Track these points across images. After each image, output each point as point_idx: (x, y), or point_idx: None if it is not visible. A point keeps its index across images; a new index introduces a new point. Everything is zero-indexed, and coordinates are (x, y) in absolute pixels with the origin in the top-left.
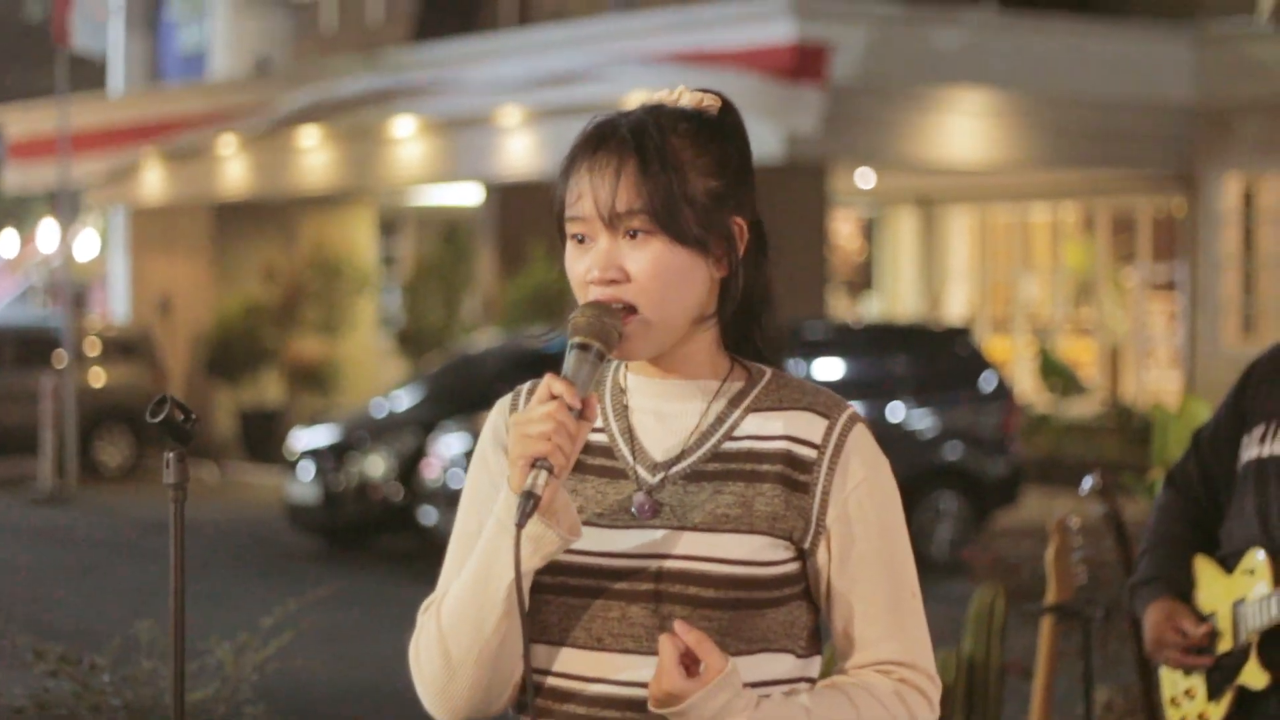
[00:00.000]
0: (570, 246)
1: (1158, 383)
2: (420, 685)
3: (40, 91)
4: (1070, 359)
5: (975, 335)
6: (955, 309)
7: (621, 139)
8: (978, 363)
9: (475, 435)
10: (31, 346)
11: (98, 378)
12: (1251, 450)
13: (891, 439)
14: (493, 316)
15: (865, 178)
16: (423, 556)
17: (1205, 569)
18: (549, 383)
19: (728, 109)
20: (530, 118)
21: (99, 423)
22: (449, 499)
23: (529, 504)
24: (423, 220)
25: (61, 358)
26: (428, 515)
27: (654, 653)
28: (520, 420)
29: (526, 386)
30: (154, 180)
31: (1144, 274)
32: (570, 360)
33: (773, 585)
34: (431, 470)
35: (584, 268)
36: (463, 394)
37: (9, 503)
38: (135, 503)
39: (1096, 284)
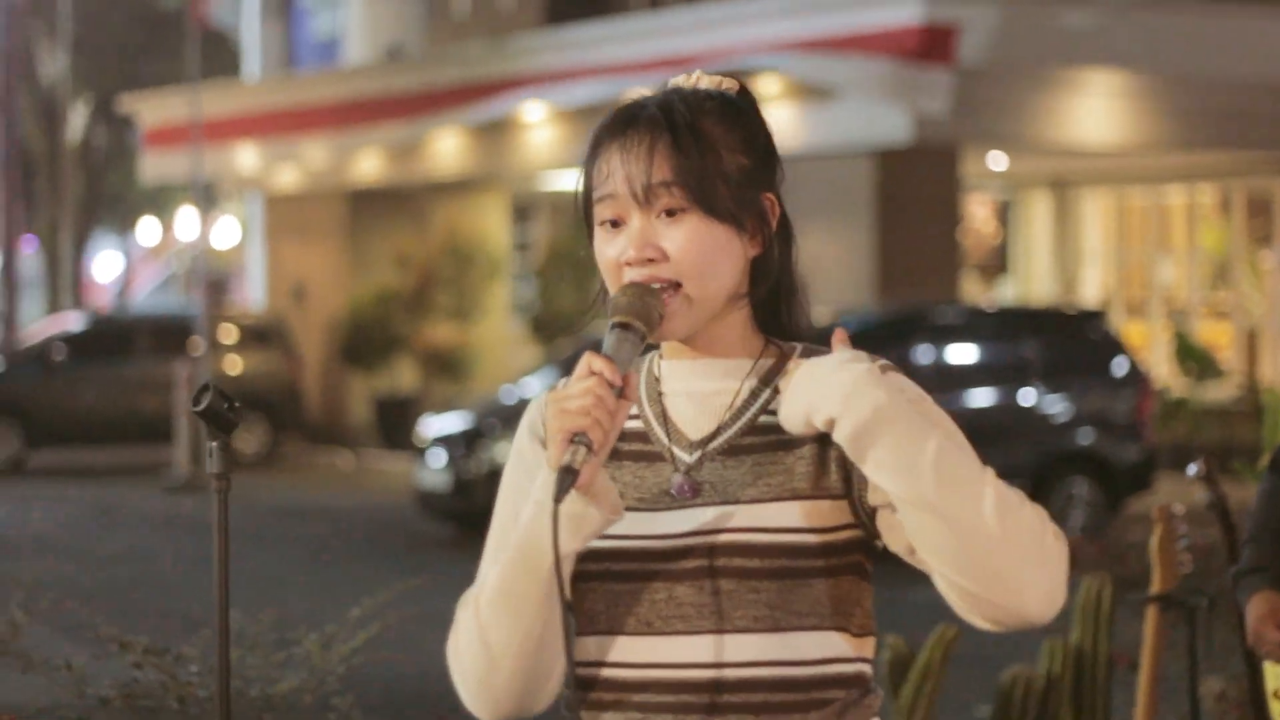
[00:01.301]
0: (600, 232)
1: None
2: (460, 682)
3: (176, 80)
4: (1207, 342)
5: (1109, 319)
6: (1090, 292)
7: (651, 117)
8: (1111, 347)
9: None
10: (168, 335)
11: (234, 365)
12: None
13: (1023, 424)
14: None
15: (997, 160)
16: None
17: None
18: (588, 359)
19: (744, 91)
20: (647, 100)
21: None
22: None
23: (568, 479)
24: (556, 206)
25: (197, 345)
26: None
27: (704, 632)
28: (558, 396)
29: (562, 382)
30: (287, 168)
31: None
32: (611, 339)
33: (820, 553)
34: None
35: (617, 251)
36: None
37: (144, 491)
38: (270, 490)
39: (1233, 266)
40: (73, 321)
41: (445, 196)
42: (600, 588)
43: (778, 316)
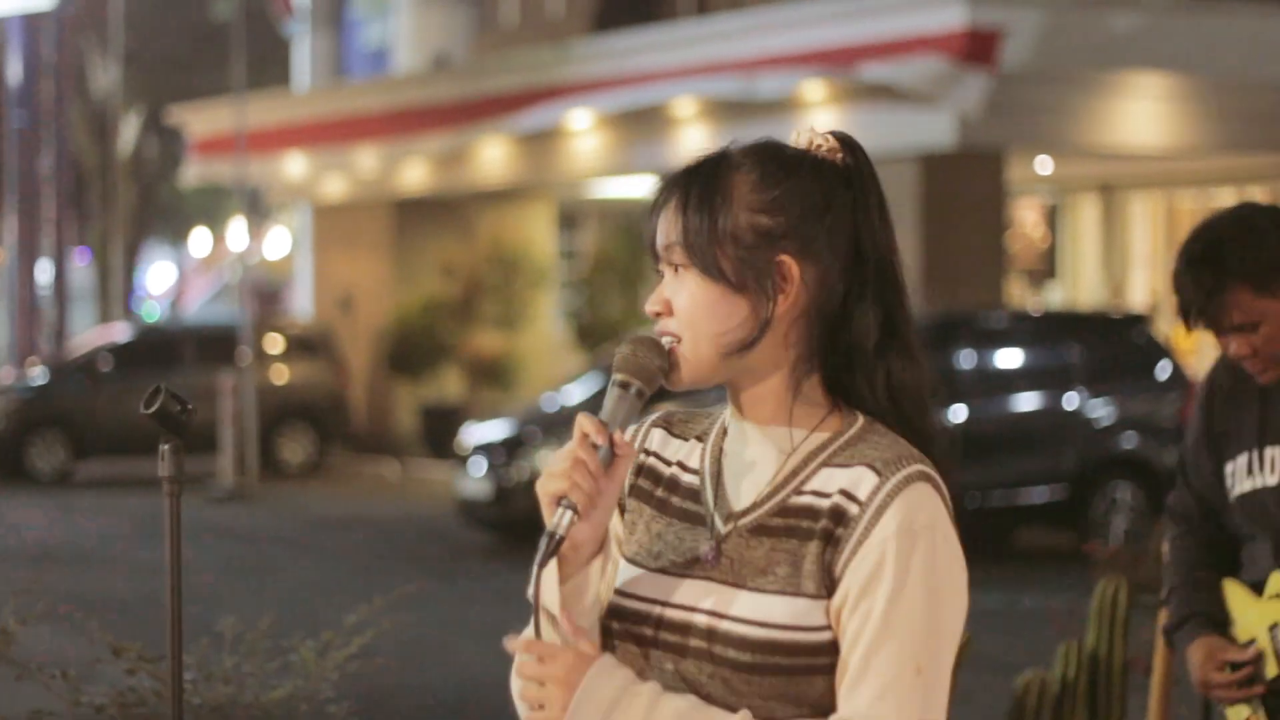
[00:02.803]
0: None
1: None
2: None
3: (228, 91)
4: None
5: (1154, 323)
6: (1138, 297)
7: (681, 174)
8: (1155, 351)
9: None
10: (215, 345)
11: (280, 375)
12: (1244, 483)
13: (1066, 428)
14: None
15: (1044, 165)
16: None
17: (1236, 595)
18: (579, 422)
19: (849, 151)
20: (706, 109)
21: (281, 420)
22: None
23: (550, 545)
24: (604, 213)
25: (243, 356)
26: None
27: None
28: (551, 460)
29: (653, 416)
30: (335, 178)
31: None
32: (608, 398)
33: (817, 652)
34: None
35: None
36: None
37: (189, 501)
38: (315, 500)
39: None
40: (120, 332)
41: (491, 205)
42: (621, 646)
43: (852, 385)
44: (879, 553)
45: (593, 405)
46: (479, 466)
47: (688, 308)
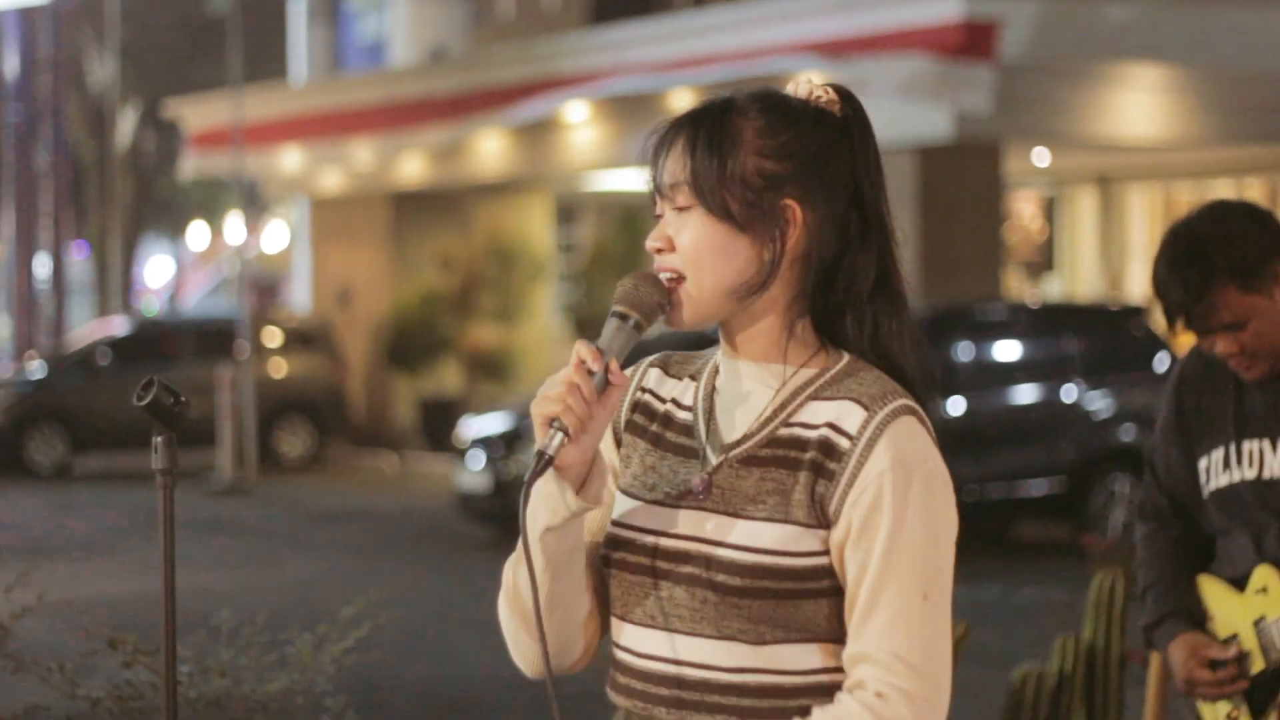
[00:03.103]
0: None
1: None
2: (505, 636)
3: (224, 84)
4: None
5: (1152, 315)
6: (1136, 288)
7: (687, 117)
8: (1153, 343)
9: None
10: (213, 339)
11: (278, 369)
12: (1220, 478)
13: (1064, 420)
14: None
15: (1041, 157)
16: None
17: (1213, 590)
18: (576, 347)
19: (847, 103)
20: (702, 100)
21: (279, 414)
22: None
23: (540, 463)
24: (602, 206)
25: (241, 349)
26: None
27: (700, 634)
28: (546, 382)
29: (652, 357)
30: (332, 171)
31: None
32: (607, 327)
33: (805, 576)
34: None
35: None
36: None
37: (188, 494)
38: (314, 493)
39: None
40: (118, 326)
41: (489, 198)
42: (618, 575)
43: (838, 325)
44: (876, 487)
45: None
46: (477, 460)
47: (692, 245)
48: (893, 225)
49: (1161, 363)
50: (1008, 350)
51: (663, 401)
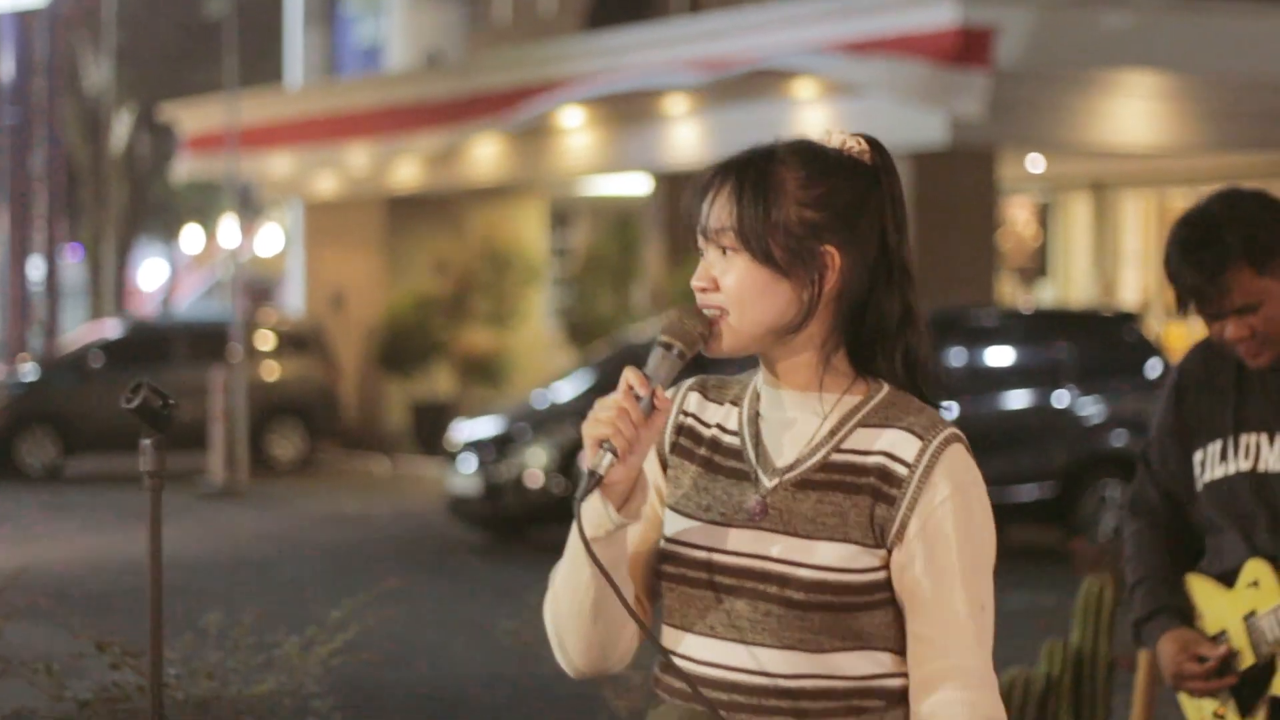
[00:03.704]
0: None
1: None
2: (550, 640)
3: (220, 88)
4: None
5: (1144, 321)
6: (1130, 295)
7: (733, 164)
8: (1144, 349)
9: None
10: (206, 342)
11: (271, 372)
12: (1215, 470)
13: (1056, 426)
14: (660, 306)
15: (1035, 163)
16: None
17: (1202, 588)
18: (625, 374)
19: (877, 152)
20: (697, 106)
21: (272, 417)
22: None
23: (590, 481)
24: (596, 211)
25: (234, 352)
26: None
27: (761, 644)
28: (597, 405)
29: (689, 382)
30: (326, 175)
31: None
32: (652, 356)
33: (863, 590)
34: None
35: (694, 275)
36: None
37: (179, 497)
38: (305, 496)
39: None
40: (111, 329)
41: (483, 202)
42: (677, 589)
43: (872, 358)
44: (940, 514)
45: (584, 402)
46: (469, 463)
47: (736, 287)
48: (913, 267)
49: (1154, 369)
50: (1000, 356)
51: (708, 426)
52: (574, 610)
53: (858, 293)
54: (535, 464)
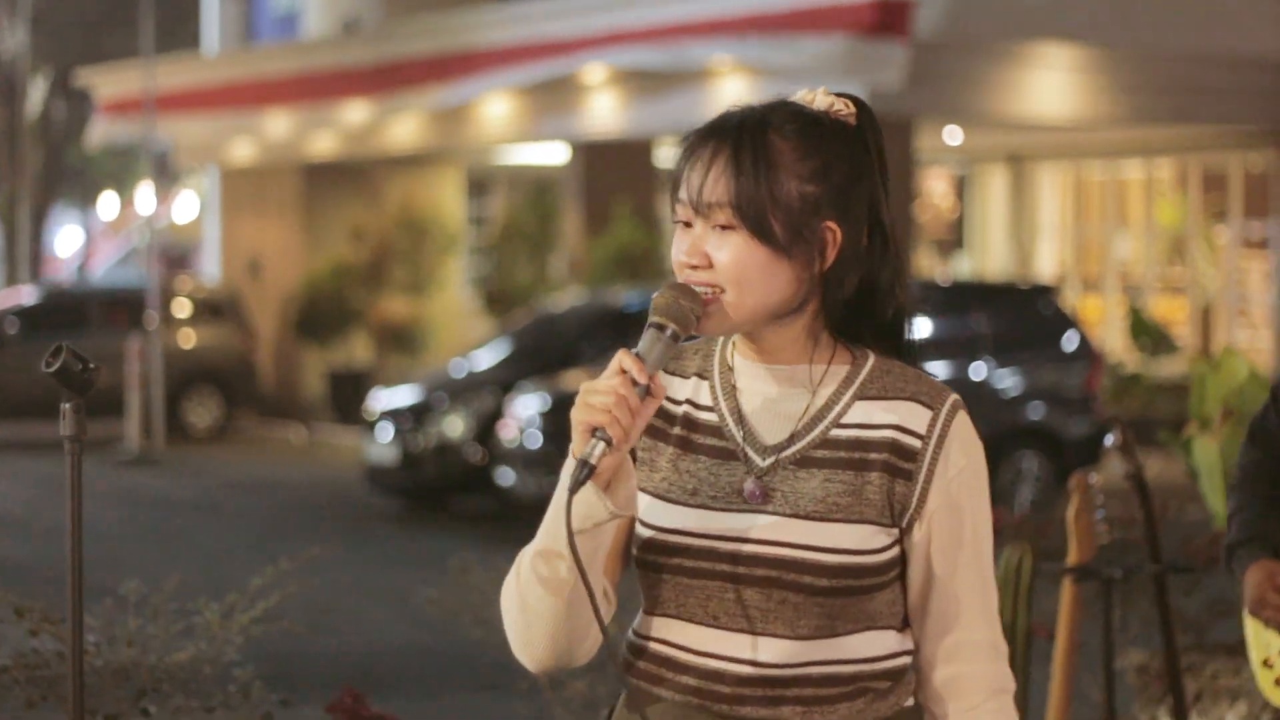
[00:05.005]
0: (676, 228)
1: (1250, 341)
2: (507, 630)
3: (136, 54)
4: (1162, 317)
5: (1060, 294)
6: (1046, 267)
7: (725, 133)
8: (1061, 322)
9: (553, 396)
10: (122, 309)
11: (187, 339)
12: None
13: (974, 398)
14: (578, 276)
15: (953, 135)
16: (500, 518)
17: None
18: (619, 357)
19: (863, 113)
20: (615, 76)
21: (188, 384)
22: (526, 460)
23: (583, 471)
24: (514, 180)
25: (150, 319)
26: (505, 476)
27: (768, 634)
28: (587, 388)
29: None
30: (243, 142)
31: (1236, 231)
32: (645, 339)
33: (879, 571)
34: (508, 431)
35: (679, 250)
36: (543, 354)
37: (96, 464)
38: (222, 464)
39: (1188, 241)
40: (26, 295)
41: (401, 171)
42: (671, 579)
43: (860, 330)
44: (956, 487)
45: (500, 372)
46: (386, 432)
47: (734, 266)
48: (895, 226)
49: (1070, 342)
50: (917, 327)
51: (678, 403)
52: (545, 604)
53: (853, 265)
54: (452, 433)
